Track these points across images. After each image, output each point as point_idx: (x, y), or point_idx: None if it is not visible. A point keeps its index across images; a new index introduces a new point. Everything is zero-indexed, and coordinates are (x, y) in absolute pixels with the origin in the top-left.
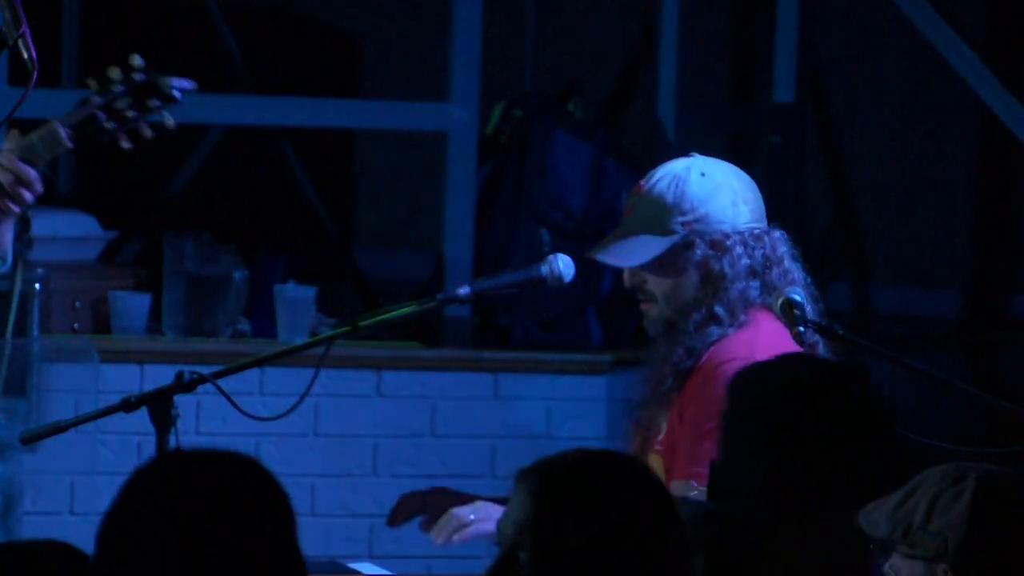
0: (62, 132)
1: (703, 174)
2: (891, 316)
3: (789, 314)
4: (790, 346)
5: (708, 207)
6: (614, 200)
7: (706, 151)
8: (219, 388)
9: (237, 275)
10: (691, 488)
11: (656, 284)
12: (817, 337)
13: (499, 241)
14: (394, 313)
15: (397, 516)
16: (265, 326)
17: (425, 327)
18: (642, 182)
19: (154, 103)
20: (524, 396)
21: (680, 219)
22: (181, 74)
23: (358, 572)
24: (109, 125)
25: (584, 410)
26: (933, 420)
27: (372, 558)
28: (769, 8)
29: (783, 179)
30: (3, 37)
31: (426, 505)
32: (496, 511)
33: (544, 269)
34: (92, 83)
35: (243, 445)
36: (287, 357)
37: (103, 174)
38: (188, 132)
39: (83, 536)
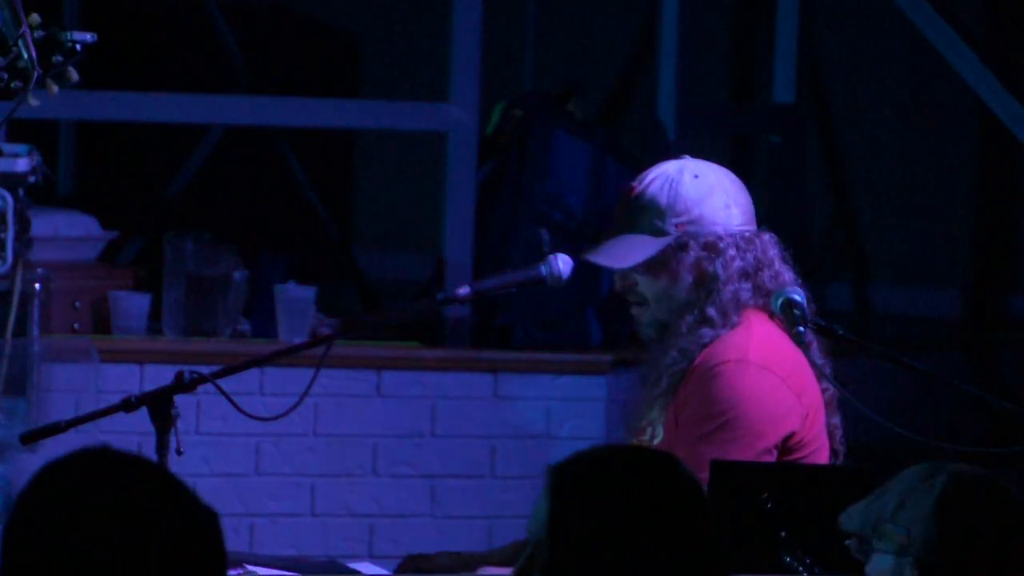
0: None
1: (696, 176)
2: (891, 316)
3: (789, 314)
4: (782, 347)
5: (702, 209)
6: (614, 200)
7: (706, 151)
8: (219, 388)
9: (237, 275)
10: None
11: (648, 286)
12: (813, 336)
13: (499, 241)
14: (394, 315)
15: None
16: (265, 326)
17: (425, 327)
18: (634, 183)
19: (56, 59)
20: (524, 396)
21: (674, 220)
22: (181, 74)
23: (358, 572)
24: (14, 84)
25: (584, 410)
26: (933, 420)
27: (372, 558)
28: (769, 8)
29: (783, 179)
30: (3, 37)
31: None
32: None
33: (544, 269)
34: None
35: (243, 445)
36: (287, 357)
37: (103, 174)
38: (188, 132)
39: None
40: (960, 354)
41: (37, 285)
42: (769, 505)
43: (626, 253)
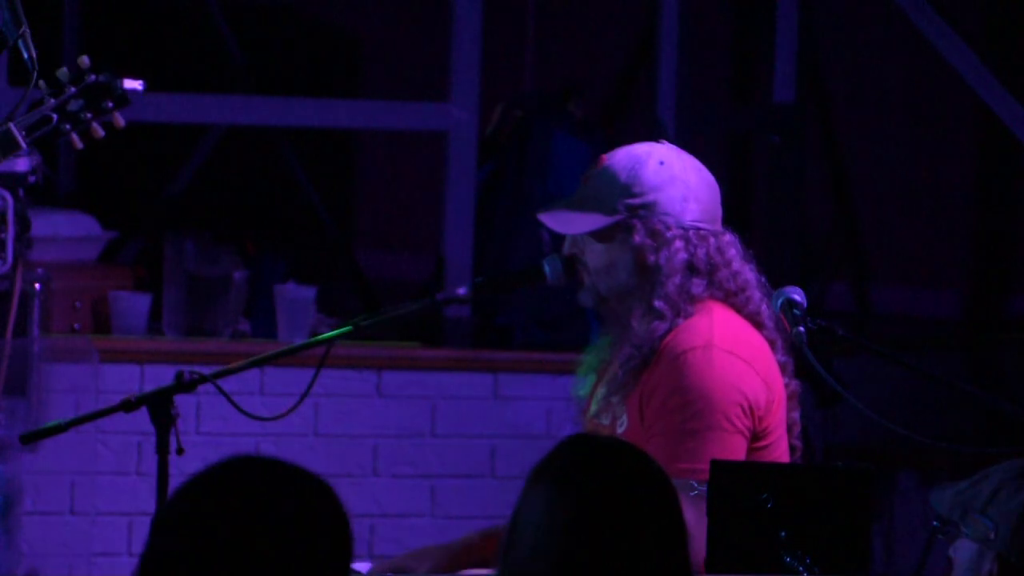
0: (17, 134)
1: (662, 163)
2: (891, 316)
3: (789, 314)
4: (745, 333)
5: (658, 195)
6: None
7: (706, 151)
8: (219, 388)
9: (237, 275)
10: (690, 487)
11: (592, 257)
12: (777, 335)
13: (499, 241)
14: (394, 313)
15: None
16: (265, 326)
17: (425, 327)
18: (605, 155)
19: (107, 104)
20: (524, 396)
21: (627, 201)
22: (181, 74)
23: (358, 572)
24: (63, 126)
25: None
26: (933, 420)
27: (372, 558)
28: (769, 8)
29: (783, 179)
30: (3, 37)
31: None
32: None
33: (546, 268)
34: (43, 85)
35: (243, 445)
36: (287, 357)
37: (103, 174)
38: (188, 132)
39: (82, 536)
40: (960, 354)
41: (37, 285)
42: (769, 505)
43: (575, 221)
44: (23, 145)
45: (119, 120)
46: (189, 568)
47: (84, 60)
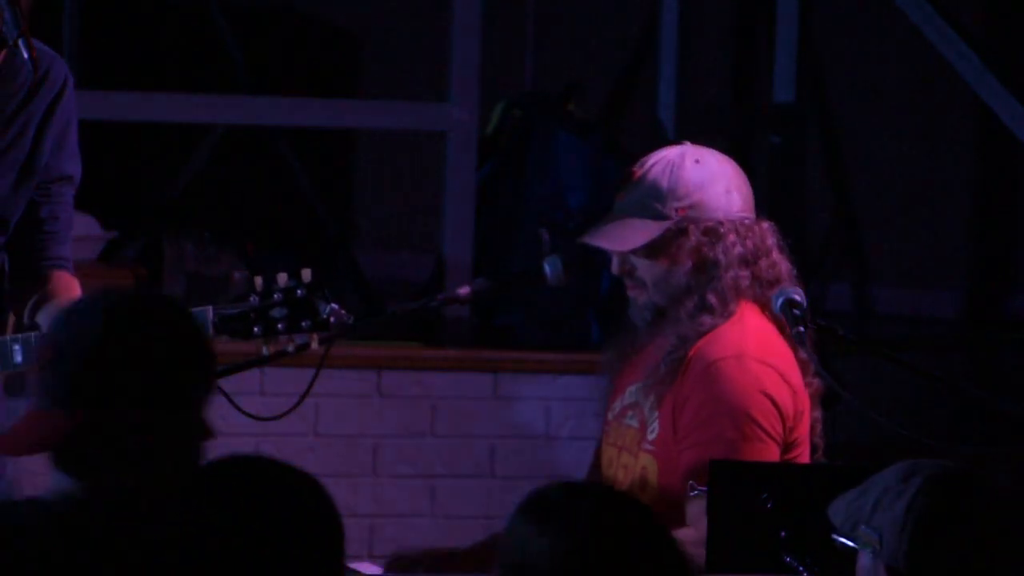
0: (209, 320)
1: (697, 161)
2: (891, 316)
3: (789, 314)
4: (777, 342)
5: (703, 194)
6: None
7: None
8: (219, 388)
9: (237, 275)
10: (691, 488)
11: (647, 270)
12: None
13: (499, 241)
14: (394, 313)
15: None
16: None
17: (425, 327)
18: (635, 167)
19: (306, 324)
20: (524, 396)
21: (675, 204)
22: (181, 74)
23: (358, 572)
24: (256, 328)
25: (584, 410)
26: (933, 420)
27: (372, 558)
28: (769, 8)
29: (783, 179)
30: (3, 37)
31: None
32: None
33: (546, 268)
34: (258, 282)
35: (243, 445)
36: (287, 357)
37: (103, 174)
38: (188, 132)
39: None
40: (960, 354)
41: None
42: (769, 505)
43: (626, 236)
44: (211, 331)
45: (314, 341)
46: (180, 567)
47: (307, 274)
